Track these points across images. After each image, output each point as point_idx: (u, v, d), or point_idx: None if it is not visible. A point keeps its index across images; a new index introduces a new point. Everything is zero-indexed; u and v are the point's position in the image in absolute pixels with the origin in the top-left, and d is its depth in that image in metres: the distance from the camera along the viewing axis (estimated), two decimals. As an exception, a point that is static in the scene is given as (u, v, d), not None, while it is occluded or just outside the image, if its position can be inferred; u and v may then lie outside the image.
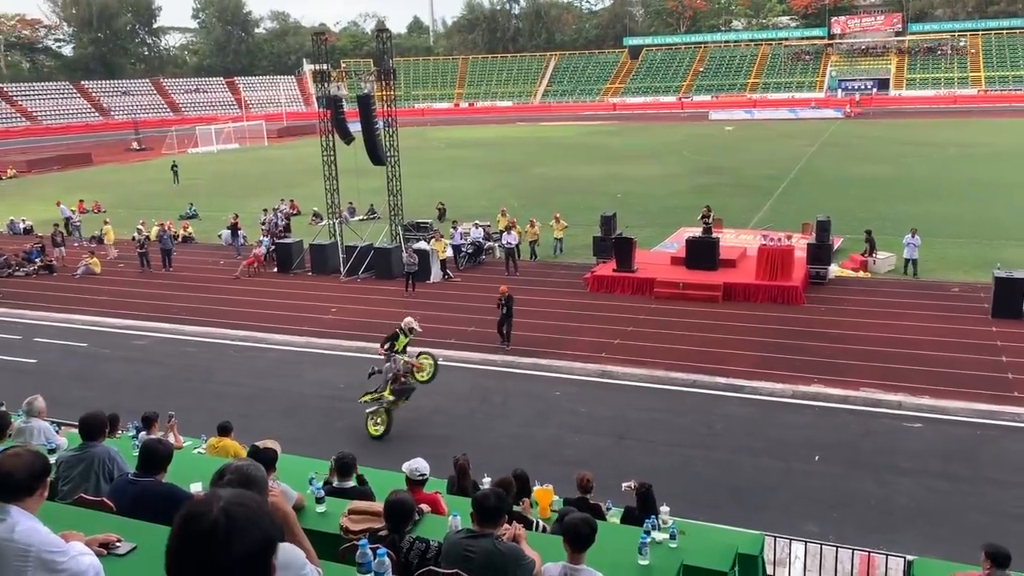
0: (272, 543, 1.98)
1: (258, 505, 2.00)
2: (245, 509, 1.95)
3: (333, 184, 25.23)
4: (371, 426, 14.01)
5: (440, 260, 24.49)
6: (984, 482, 11.88)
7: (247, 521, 1.93)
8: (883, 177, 39.62)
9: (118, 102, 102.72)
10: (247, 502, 1.98)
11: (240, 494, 2.03)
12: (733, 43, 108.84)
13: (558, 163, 50.61)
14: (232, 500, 1.96)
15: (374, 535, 5.14)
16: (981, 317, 18.88)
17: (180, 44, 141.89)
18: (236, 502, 1.96)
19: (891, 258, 23.49)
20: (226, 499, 1.96)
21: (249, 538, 1.91)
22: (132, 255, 27.62)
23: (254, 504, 1.99)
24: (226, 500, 1.95)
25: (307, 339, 19.41)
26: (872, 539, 9.79)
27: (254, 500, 2.01)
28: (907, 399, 14.63)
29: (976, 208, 31.28)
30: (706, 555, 6.42)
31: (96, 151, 68.35)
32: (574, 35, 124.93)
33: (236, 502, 1.96)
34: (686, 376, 16.12)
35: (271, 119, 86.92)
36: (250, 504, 1.98)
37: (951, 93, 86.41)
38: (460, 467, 8.52)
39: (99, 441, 6.25)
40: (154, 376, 17.48)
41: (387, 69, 25.21)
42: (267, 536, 1.97)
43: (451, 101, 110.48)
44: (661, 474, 11.55)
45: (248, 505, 1.97)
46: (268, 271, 26.29)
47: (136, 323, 21.25)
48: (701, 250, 22.52)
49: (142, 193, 45.78)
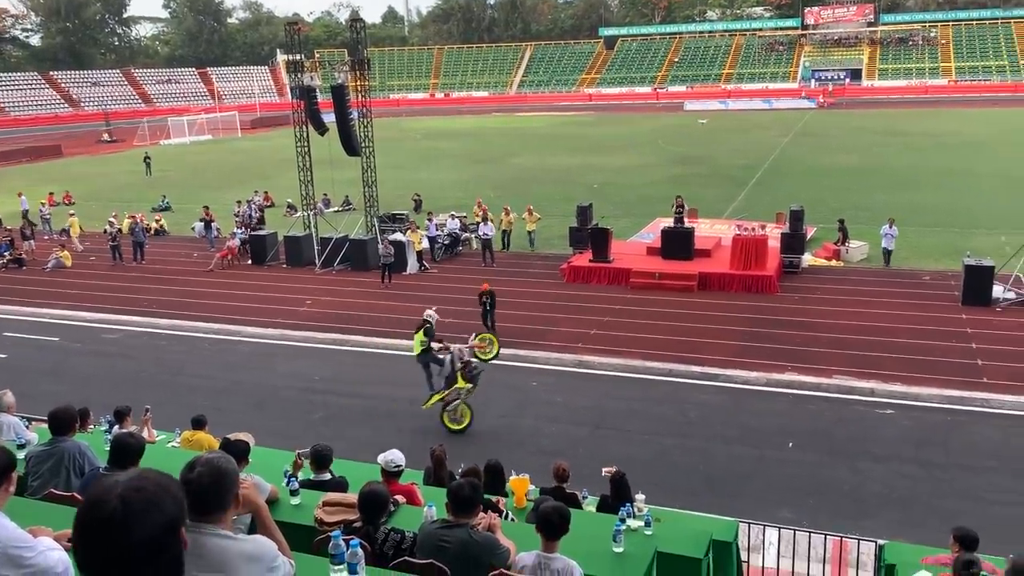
0: (176, 523, 1.98)
1: (159, 487, 1.98)
2: (143, 493, 1.93)
3: (307, 175, 25.05)
4: (451, 423, 13.57)
5: (416, 251, 24.41)
6: (954, 467, 12.07)
7: (146, 504, 1.92)
8: (856, 167, 40.00)
9: (88, 93, 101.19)
10: (145, 485, 1.96)
11: (139, 477, 2.01)
12: (708, 34, 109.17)
13: (534, 153, 50.58)
14: (129, 485, 1.94)
15: (349, 527, 5.13)
16: (951, 304, 19.14)
17: (151, 34, 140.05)
18: (133, 487, 1.94)
19: (864, 247, 23.73)
20: (123, 485, 1.94)
21: (149, 522, 1.91)
22: (104, 248, 27.29)
23: (152, 487, 1.97)
24: (123, 486, 1.93)
25: (281, 331, 19.29)
26: (845, 524, 9.91)
27: (153, 482, 1.99)
28: (879, 386, 14.82)
29: (947, 197, 31.66)
30: (680, 542, 6.47)
31: (66, 143, 67.36)
32: (549, 25, 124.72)
33: (133, 487, 1.94)
34: (662, 365, 16.21)
35: (244, 110, 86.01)
36: (148, 487, 1.96)
37: (922, 83, 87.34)
38: (436, 458, 8.52)
39: (69, 436, 6.19)
40: (126, 370, 17.31)
41: (361, 59, 25.04)
42: (169, 518, 1.96)
43: (426, 91, 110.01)
44: (637, 463, 11.63)
45: (146, 488, 1.95)
46: (242, 263, 26.08)
47: (108, 316, 21.01)
48: (676, 240, 22.64)
49: (114, 185, 45.21)
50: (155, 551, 1.92)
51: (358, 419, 14.43)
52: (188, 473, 2.86)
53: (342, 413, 14.75)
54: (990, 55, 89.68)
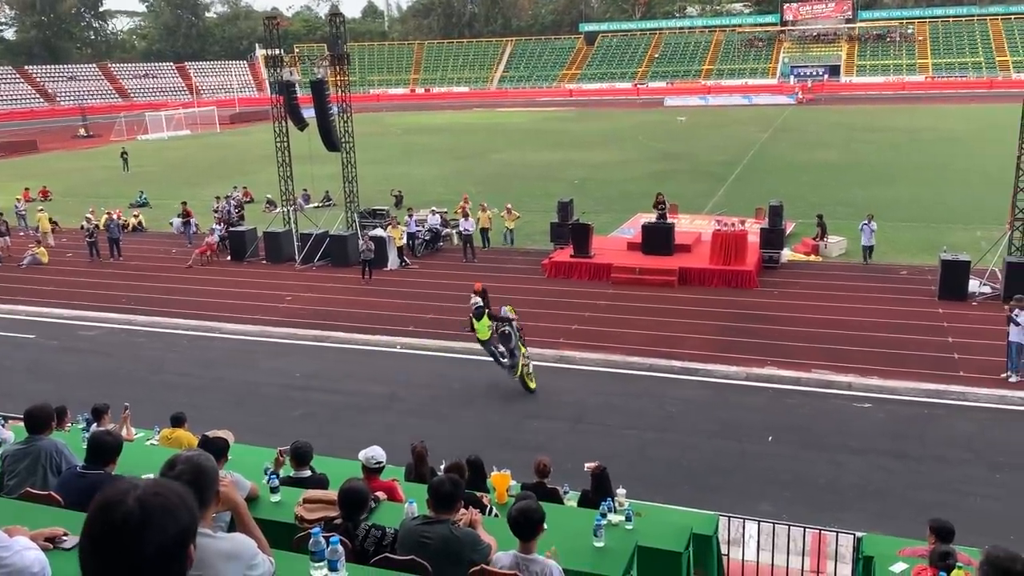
0: (188, 535, 1.95)
1: (176, 495, 1.96)
2: (161, 499, 1.91)
3: (287, 171, 24.89)
4: (532, 380, 15.03)
5: (397, 247, 24.35)
6: (930, 459, 12.21)
7: (163, 512, 1.89)
8: (834, 162, 40.29)
9: (64, 88, 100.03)
10: (164, 492, 1.94)
11: (157, 483, 1.99)
12: (688, 29, 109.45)
13: (515, 149, 50.55)
14: (148, 490, 1.91)
15: (329, 523, 5.11)
16: (928, 299, 19.34)
17: (128, 28, 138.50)
18: (152, 491, 1.91)
19: (842, 242, 23.91)
20: (142, 488, 1.91)
21: (164, 529, 1.88)
22: (81, 244, 27.02)
23: (171, 494, 1.94)
24: (142, 490, 1.90)
25: (261, 328, 19.19)
26: (824, 517, 9.99)
27: (172, 490, 1.97)
28: (857, 380, 14.95)
29: (924, 192, 31.97)
30: (661, 536, 6.50)
31: (42, 138, 66.54)
32: (530, 21, 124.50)
33: (152, 491, 1.91)
34: (642, 360, 16.27)
35: (223, 105, 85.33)
36: (167, 494, 1.93)
37: (900, 80, 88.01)
38: (417, 454, 8.51)
39: (45, 434, 6.12)
40: (104, 367, 17.15)
41: (341, 54, 24.93)
42: (183, 528, 1.93)
43: (407, 87, 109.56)
44: (618, 457, 11.66)
45: (164, 495, 1.92)
46: (221, 260, 25.90)
47: (85, 313, 20.80)
48: (657, 236, 22.72)
49: (91, 181, 44.74)
50: (166, 560, 1.89)
51: (339, 416, 14.38)
52: (168, 471, 2.85)
53: (323, 410, 14.70)
54: (966, 52, 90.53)
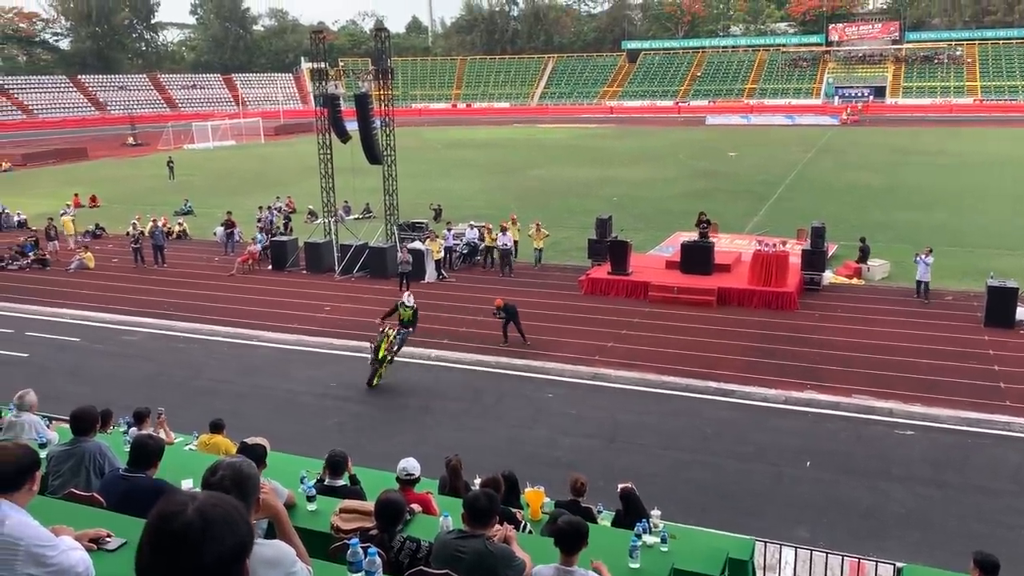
0: (246, 548, 1.96)
1: (234, 508, 1.97)
2: (221, 511, 1.92)
3: (329, 182, 25.20)
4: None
5: (435, 260, 24.48)
6: (974, 490, 11.92)
7: (222, 523, 1.90)
8: (878, 185, 39.72)
9: (114, 97, 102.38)
10: (223, 504, 1.95)
11: (215, 495, 2.01)
12: (731, 48, 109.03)
13: (554, 165, 50.62)
14: (208, 501, 1.93)
15: (365, 534, 5.13)
16: (974, 326, 18.95)
17: (178, 40, 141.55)
18: (212, 503, 1.93)
19: (885, 266, 23.54)
20: (201, 500, 1.93)
21: (223, 541, 1.89)
22: (126, 250, 27.58)
23: (230, 507, 1.96)
24: (201, 501, 1.92)
25: (299, 337, 19.38)
26: (863, 545, 9.81)
27: (230, 503, 1.99)
28: (898, 406, 14.67)
29: (970, 217, 31.37)
30: (696, 559, 6.43)
31: (92, 146, 68.16)
32: (572, 37, 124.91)
33: (212, 503, 1.93)
34: (678, 380, 16.13)
35: (268, 116, 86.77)
36: (226, 507, 1.95)
37: (947, 102, 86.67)
38: (452, 468, 8.50)
39: (90, 436, 6.24)
40: (145, 372, 17.43)
41: (385, 68, 25.20)
42: (241, 540, 1.94)
43: (448, 101, 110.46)
44: (652, 478, 11.58)
45: (224, 507, 1.94)
46: (263, 269, 26.24)
47: (128, 318, 21.19)
48: (696, 255, 22.55)
49: (138, 189, 45.66)
50: (224, 571, 1.90)
51: (373, 426, 14.45)
52: (211, 476, 2.88)
53: (357, 420, 14.79)
54: (1016, 75, 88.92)
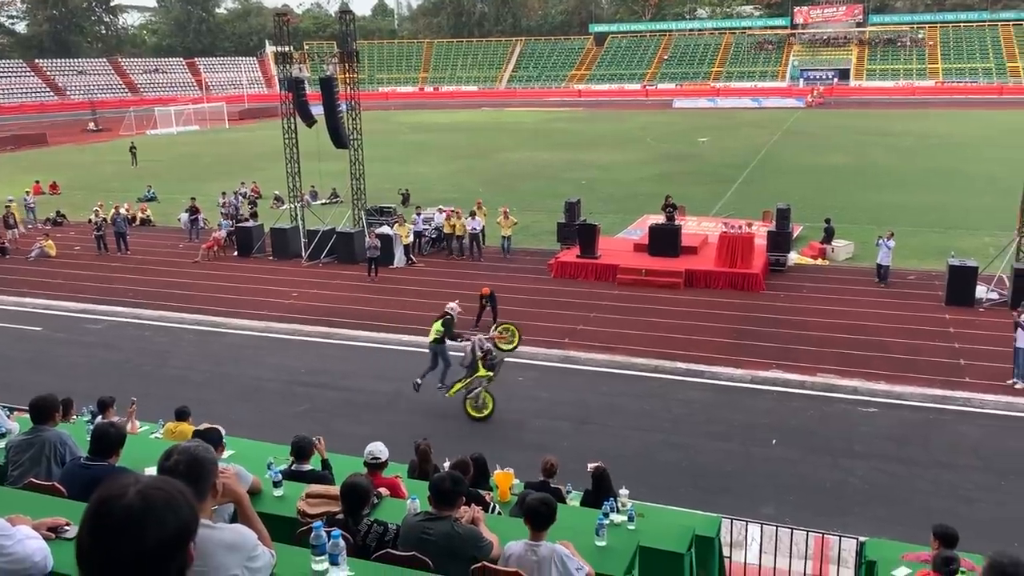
0: (189, 532, 1.93)
1: (178, 491, 1.95)
2: (163, 494, 1.89)
3: (295, 167, 24.94)
4: (474, 410, 13.90)
5: (404, 245, 24.36)
6: (936, 465, 12.16)
7: (164, 507, 1.88)
8: (843, 166, 40.19)
9: (74, 82, 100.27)
10: (166, 487, 1.93)
11: (160, 479, 1.99)
12: (697, 31, 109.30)
13: (523, 149, 50.54)
14: (151, 484, 1.91)
15: (331, 518, 5.11)
16: (935, 305, 19.27)
17: (139, 23, 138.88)
18: (154, 485, 1.91)
19: (849, 246, 23.84)
20: (144, 483, 1.90)
21: (164, 525, 1.86)
22: (89, 238, 27.13)
23: (173, 490, 1.94)
24: (144, 484, 1.89)
25: (267, 324, 19.21)
26: (827, 521, 9.97)
27: (174, 486, 1.96)
28: (862, 384, 14.91)
29: (932, 197, 31.85)
30: (663, 537, 6.49)
31: (51, 132, 66.76)
32: (540, 20, 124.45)
33: (154, 485, 1.91)
34: (647, 361, 16.24)
35: (232, 101, 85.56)
36: (169, 489, 1.92)
37: (909, 84, 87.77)
38: (421, 452, 8.51)
39: (50, 425, 6.15)
40: (110, 361, 17.19)
41: (350, 51, 24.93)
42: (184, 524, 1.91)
43: (415, 85, 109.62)
44: (621, 458, 11.67)
45: (167, 490, 1.91)
46: (228, 255, 25.95)
47: (92, 307, 20.87)
48: (663, 237, 22.68)
49: (100, 175, 44.88)
50: (167, 555, 1.87)
51: (343, 412, 14.39)
52: (165, 461, 2.84)
53: (327, 406, 14.72)
54: (977, 57, 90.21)
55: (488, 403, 13.95)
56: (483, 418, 13.83)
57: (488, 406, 13.94)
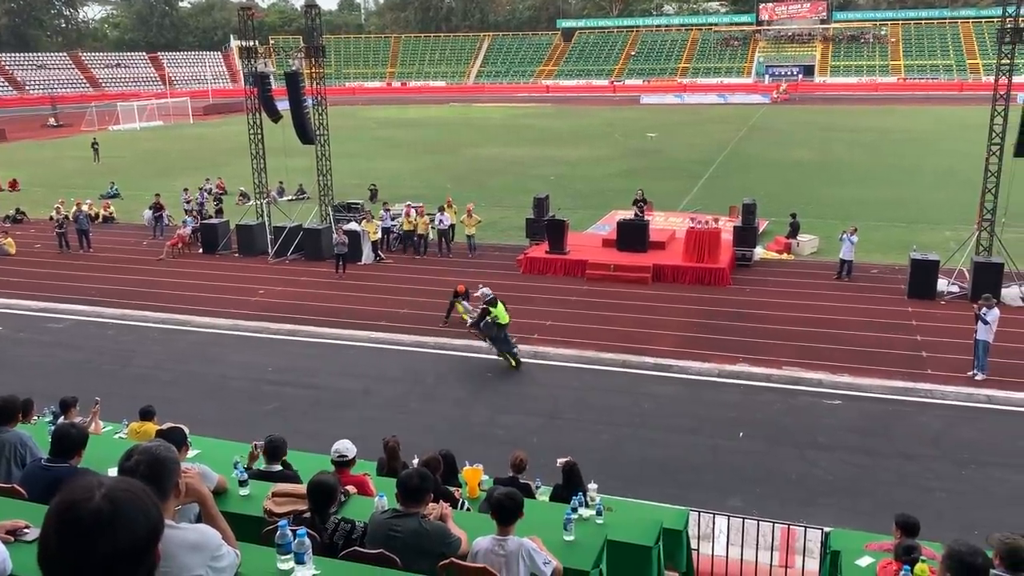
0: (157, 532, 1.92)
1: (144, 492, 1.93)
2: (130, 495, 1.87)
3: (260, 163, 24.69)
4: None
5: (371, 241, 24.23)
6: (898, 456, 12.36)
7: (133, 508, 1.86)
8: (808, 161, 40.67)
9: (33, 76, 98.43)
10: (132, 489, 1.91)
11: (125, 480, 1.97)
12: (664, 27, 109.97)
13: (491, 144, 50.50)
14: (116, 486, 1.88)
15: (298, 517, 5.08)
16: (898, 298, 19.58)
17: (100, 17, 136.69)
18: (121, 488, 1.88)
19: (814, 241, 24.13)
20: (109, 485, 1.88)
21: (134, 528, 1.84)
22: (50, 236, 26.65)
23: (139, 491, 1.92)
24: (109, 487, 1.87)
25: (233, 321, 19.02)
26: (793, 512, 10.10)
27: (139, 487, 1.94)
28: (827, 377, 15.11)
29: (895, 192, 32.34)
30: (631, 530, 6.54)
31: (10, 127, 65.41)
32: (508, 16, 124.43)
33: (121, 488, 1.88)
34: (616, 356, 16.33)
35: (196, 96, 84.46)
36: (135, 491, 1.91)
37: (873, 80, 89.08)
38: (390, 449, 8.48)
39: (11, 426, 6.05)
40: (72, 360, 16.91)
41: (316, 46, 24.71)
42: (153, 525, 1.90)
43: (383, 80, 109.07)
44: (591, 452, 11.72)
45: (133, 492, 1.90)
46: (193, 252, 25.63)
47: (53, 305, 20.50)
48: (632, 233, 22.80)
49: (61, 171, 44.09)
50: (137, 558, 1.85)
51: (311, 410, 14.30)
52: (126, 462, 2.80)
53: (295, 404, 14.60)
54: (938, 54, 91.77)
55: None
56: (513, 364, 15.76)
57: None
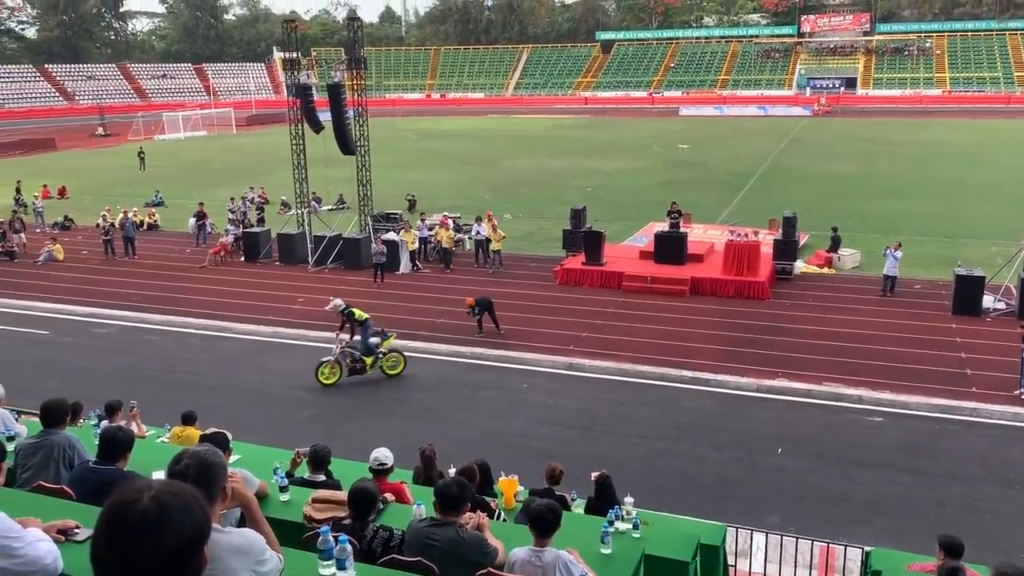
0: (204, 534, 1.96)
1: (191, 496, 1.97)
2: (178, 499, 1.92)
3: (302, 173, 25.02)
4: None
5: (409, 251, 24.41)
6: (943, 475, 12.13)
7: (180, 511, 1.90)
8: (850, 174, 40.15)
9: (83, 87, 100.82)
10: (180, 492, 1.96)
11: (173, 483, 2.01)
12: (704, 39, 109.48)
13: (529, 156, 50.62)
14: (164, 489, 1.93)
15: (337, 523, 5.13)
16: (942, 314, 19.22)
17: (148, 29, 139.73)
18: (169, 491, 1.93)
19: (856, 255, 23.81)
20: (158, 488, 1.93)
21: (181, 530, 1.89)
22: (96, 242, 27.25)
23: (187, 494, 1.96)
24: (157, 489, 1.92)
25: (274, 328, 19.26)
26: (833, 531, 9.95)
27: (187, 490, 1.99)
28: (868, 393, 14.87)
29: (939, 206, 31.79)
30: (668, 545, 6.49)
31: (60, 136, 67.03)
32: (547, 28, 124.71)
33: (169, 491, 1.93)
34: (653, 369, 16.23)
35: (240, 107, 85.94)
36: (183, 494, 1.95)
37: (917, 93, 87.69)
38: (426, 457, 8.52)
39: (60, 429, 6.18)
40: (117, 365, 17.25)
41: (358, 58, 25.04)
42: (199, 528, 1.94)
43: (422, 92, 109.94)
44: (626, 466, 11.67)
45: (181, 495, 1.94)
46: (235, 260, 26.03)
47: (99, 311, 20.94)
48: (669, 244, 22.69)
49: (107, 180, 45.05)
50: (184, 560, 1.90)
51: (348, 418, 14.42)
52: (175, 466, 2.86)
53: (332, 411, 14.74)
54: (984, 66, 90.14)
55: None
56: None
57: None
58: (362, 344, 15.77)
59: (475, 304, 18.22)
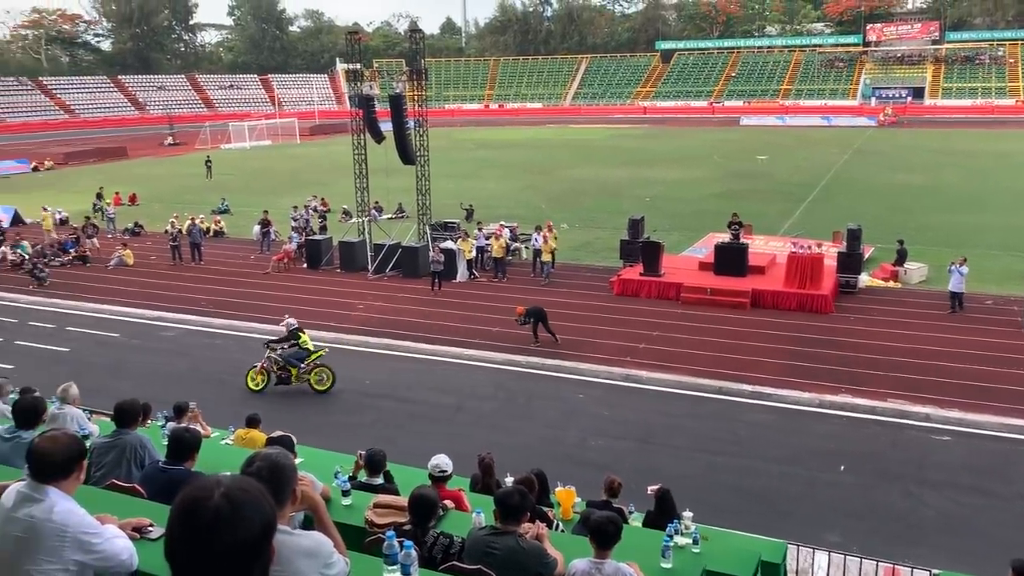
0: (272, 528, 2.01)
1: (259, 491, 2.03)
2: (247, 495, 1.97)
3: (363, 182, 25.40)
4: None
5: (466, 260, 24.57)
6: (1015, 497, 11.71)
7: (249, 506, 1.95)
8: (916, 186, 39.16)
9: (154, 97, 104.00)
10: (248, 487, 2.01)
11: (241, 479, 2.07)
12: (766, 49, 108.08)
13: (587, 165, 50.54)
14: (234, 485, 1.99)
15: (398, 529, 5.19)
16: (1014, 331, 18.60)
17: (216, 41, 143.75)
18: (239, 487, 1.99)
19: (923, 269, 23.19)
20: (227, 484, 1.98)
21: (251, 524, 1.94)
22: (165, 248, 28.05)
23: (256, 490, 2.02)
24: (227, 486, 1.97)
25: (335, 335, 19.54)
26: (897, 551, 9.69)
27: (255, 486, 2.04)
28: (935, 411, 14.45)
29: (1012, 219, 30.77)
30: (728, 561, 6.40)
31: (131, 145, 69.29)
32: (606, 38, 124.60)
33: (239, 487, 1.99)
34: (712, 382, 16.03)
35: (303, 117, 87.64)
36: (251, 489, 2.01)
37: (988, 103, 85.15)
38: (485, 465, 8.56)
39: (132, 429, 6.38)
40: (182, 367, 17.70)
41: (419, 69, 25.35)
42: (267, 522, 1.99)
43: (481, 102, 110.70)
44: (684, 479, 11.53)
45: (249, 490, 2.00)
46: (298, 267, 26.52)
47: (166, 314, 21.53)
48: (730, 256, 22.39)
49: (176, 187, 46.35)
50: (255, 554, 1.96)
51: (406, 424, 14.54)
52: (247, 468, 2.93)
53: (391, 417, 14.89)
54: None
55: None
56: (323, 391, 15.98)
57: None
58: (292, 356, 16.14)
59: (525, 313, 18.22)
